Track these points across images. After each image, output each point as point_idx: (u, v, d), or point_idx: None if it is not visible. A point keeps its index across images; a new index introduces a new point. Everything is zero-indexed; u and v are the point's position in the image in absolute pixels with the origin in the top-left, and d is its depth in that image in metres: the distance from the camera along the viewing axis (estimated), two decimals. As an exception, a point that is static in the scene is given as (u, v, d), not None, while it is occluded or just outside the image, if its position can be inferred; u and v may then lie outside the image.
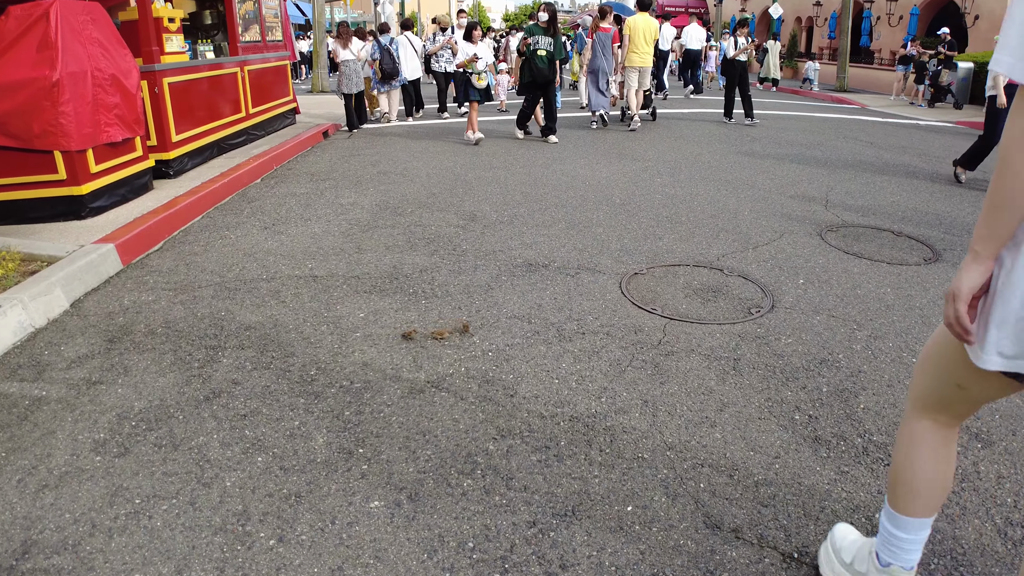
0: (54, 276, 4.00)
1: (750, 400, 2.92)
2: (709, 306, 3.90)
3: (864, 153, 9.22)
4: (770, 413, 2.83)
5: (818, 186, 7.08)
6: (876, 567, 1.75)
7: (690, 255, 4.81)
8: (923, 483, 1.64)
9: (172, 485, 2.44)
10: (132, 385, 3.08)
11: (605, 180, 7.33)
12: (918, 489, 1.65)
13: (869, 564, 1.79)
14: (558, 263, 4.61)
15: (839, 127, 12.02)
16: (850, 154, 9.10)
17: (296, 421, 2.78)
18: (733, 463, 2.50)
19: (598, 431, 2.68)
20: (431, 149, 9.16)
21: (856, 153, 9.20)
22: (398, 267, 4.51)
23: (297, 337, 3.51)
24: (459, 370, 3.16)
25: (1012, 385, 1.44)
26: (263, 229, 5.39)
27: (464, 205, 6.18)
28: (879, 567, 1.74)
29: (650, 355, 3.29)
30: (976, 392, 1.53)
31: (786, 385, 3.05)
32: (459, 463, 2.50)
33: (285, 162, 8.21)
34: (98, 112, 5.35)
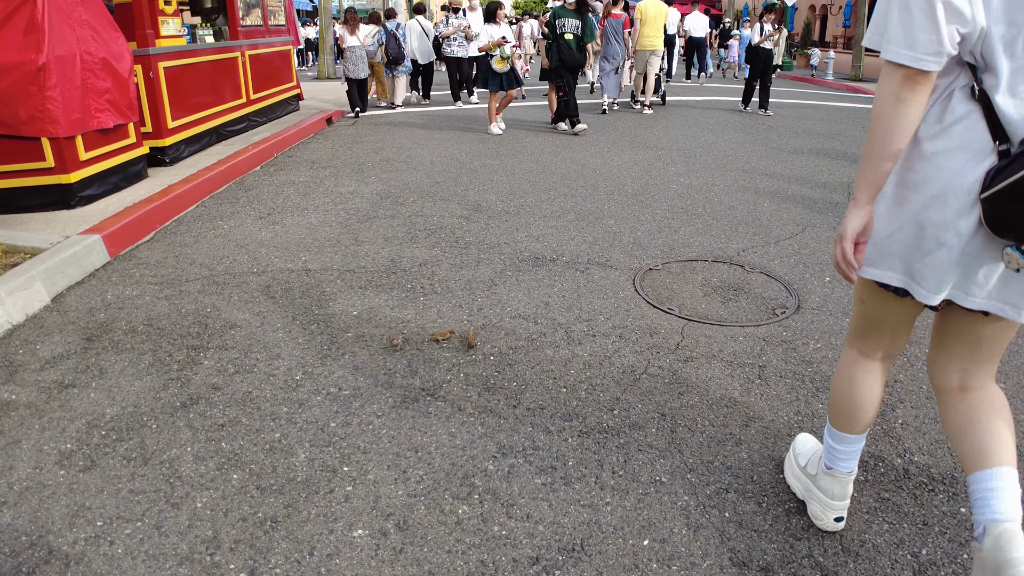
0: (34, 269, 3.76)
1: (778, 413, 2.64)
2: (730, 306, 3.62)
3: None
4: (800, 428, 2.56)
5: (839, 177, 6.77)
6: (823, 470, 2.02)
7: (708, 249, 4.52)
8: (851, 404, 1.89)
9: (139, 505, 2.20)
10: (106, 389, 2.83)
11: (617, 169, 7.03)
12: (847, 408, 1.90)
13: (818, 468, 2.05)
14: (567, 257, 4.34)
15: (857, 117, 11.63)
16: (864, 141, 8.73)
17: (277, 433, 2.53)
18: (762, 487, 2.23)
19: (610, 449, 2.41)
20: (436, 136, 8.88)
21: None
22: (396, 260, 4.25)
23: (284, 337, 3.25)
24: (457, 376, 2.90)
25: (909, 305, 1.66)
26: (258, 219, 5.14)
27: (468, 194, 5.90)
28: (825, 470, 2.01)
29: (667, 361, 3.02)
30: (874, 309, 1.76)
31: (816, 396, 2.77)
32: (454, 485, 2.24)
33: (286, 149, 7.95)
34: (88, 97, 5.11)
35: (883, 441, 2.49)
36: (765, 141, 8.83)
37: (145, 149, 5.98)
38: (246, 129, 8.36)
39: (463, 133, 9.15)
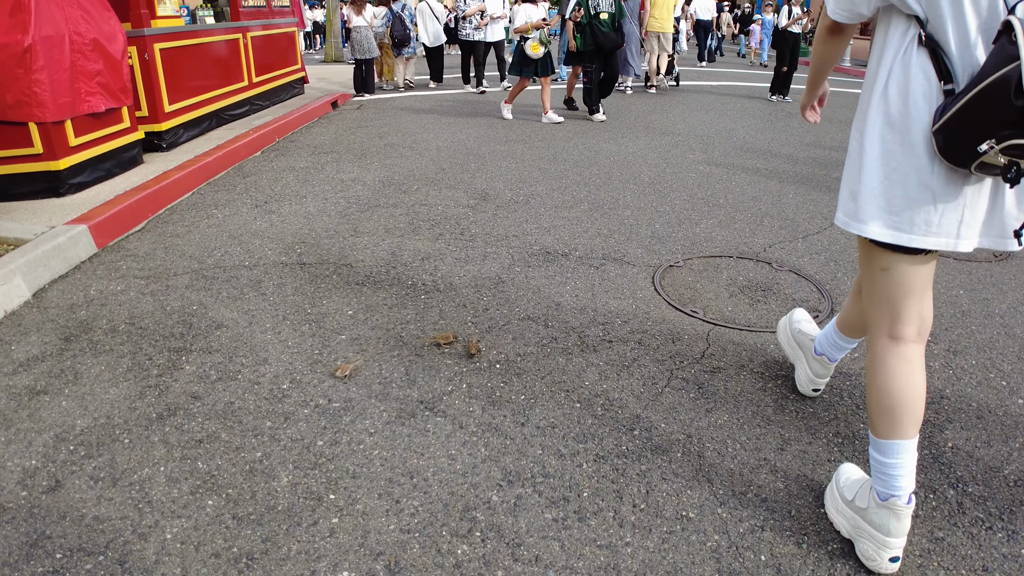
0: (14, 263, 3.52)
1: (816, 435, 2.37)
2: (759, 308, 3.33)
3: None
4: (841, 453, 2.28)
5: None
6: (876, 502, 1.80)
7: (732, 244, 4.22)
8: (900, 400, 1.75)
9: (102, 536, 1.96)
10: (79, 397, 2.59)
11: (632, 155, 6.73)
12: (895, 411, 1.75)
13: (870, 500, 1.83)
14: (580, 251, 4.05)
15: None
16: None
17: (259, 452, 2.28)
18: (801, 524, 1.96)
19: (631, 478, 2.14)
20: (443, 121, 8.58)
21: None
22: (397, 254, 3.98)
23: (273, 339, 3.00)
24: (460, 387, 2.64)
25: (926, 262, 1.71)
26: (254, 207, 4.88)
27: (475, 182, 5.62)
28: (879, 502, 1.78)
29: (692, 372, 2.74)
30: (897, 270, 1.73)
31: (857, 414, 2.49)
32: (454, 519, 1.98)
33: (288, 134, 7.68)
34: (77, 80, 4.85)
35: (932, 469, 2.22)
36: (785, 128, 8.49)
37: (140, 134, 5.72)
38: (248, 113, 8.09)
39: (471, 118, 8.84)
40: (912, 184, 1.60)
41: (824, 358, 2.43)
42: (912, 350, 1.78)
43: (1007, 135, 1.40)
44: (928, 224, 1.61)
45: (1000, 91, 1.39)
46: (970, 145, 1.46)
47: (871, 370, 1.83)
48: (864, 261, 1.84)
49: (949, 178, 1.58)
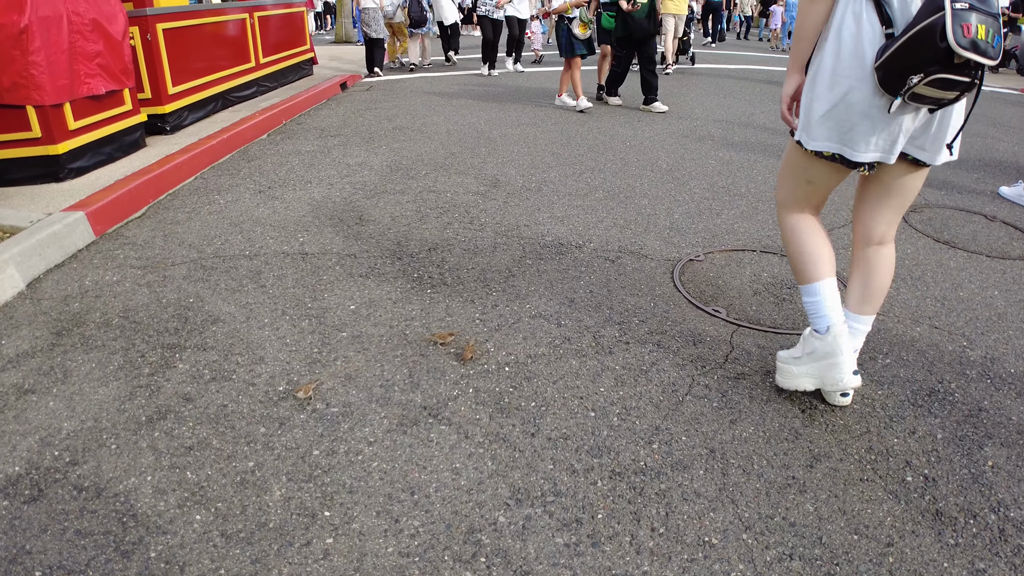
0: (7, 253, 3.38)
1: (847, 450, 2.20)
2: (784, 308, 3.15)
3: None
4: (874, 471, 2.11)
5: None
6: (818, 337, 2.27)
7: (755, 237, 4.03)
8: (814, 254, 2.23)
9: (83, 552, 1.82)
10: (67, 397, 2.46)
11: (649, 140, 6.52)
12: (813, 258, 2.23)
13: (812, 341, 2.30)
14: (595, 243, 3.87)
15: None
16: None
17: (251, 461, 2.14)
18: (833, 553, 1.80)
19: (649, 498, 1.98)
20: (454, 103, 8.37)
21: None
22: (403, 244, 3.81)
23: (271, 336, 2.85)
24: (466, 391, 2.48)
25: (839, 170, 2.12)
26: (257, 193, 4.72)
27: (486, 168, 5.43)
28: (820, 335, 2.26)
29: (715, 378, 2.57)
30: (819, 178, 2.18)
31: (890, 428, 2.32)
32: (457, 542, 1.83)
33: (296, 116, 7.50)
34: (76, 62, 4.70)
35: (971, 490, 2.05)
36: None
37: (142, 117, 5.56)
38: (255, 95, 7.92)
39: (482, 100, 8.63)
40: (856, 112, 1.96)
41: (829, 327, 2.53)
42: (815, 217, 2.33)
43: (933, 70, 1.76)
44: (867, 143, 1.99)
45: (928, 36, 1.73)
46: (903, 78, 1.81)
47: (790, 238, 2.32)
48: (794, 166, 2.25)
49: (885, 107, 1.92)
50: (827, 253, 2.26)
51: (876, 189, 2.22)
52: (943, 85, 1.77)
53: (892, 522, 1.92)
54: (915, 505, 1.99)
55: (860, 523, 1.92)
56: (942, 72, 1.74)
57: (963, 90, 1.81)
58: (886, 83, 1.85)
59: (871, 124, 1.96)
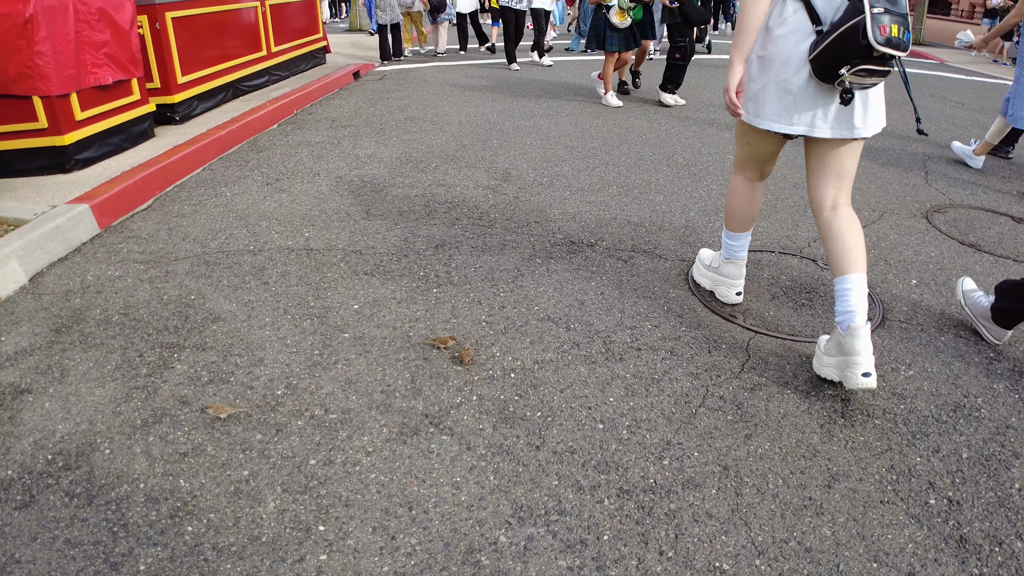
0: (10, 246, 3.32)
1: (867, 469, 2.09)
2: (803, 314, 3.03)
3: (957, 116, 7.94)
4: (895, 493, 2.01)
5: (912, 153, 6.01)
6: (724, 262, 3.02)
7: (773, 238, 3.91)
8: (741, 214, 2.87)
9: (72, 563, 1.76)
10: (63, 398, 2.39)
11: (665, 134, 6.38)
12: (739, 217, 2.88)
13: (720, 261, 3.06)
14: (607, 242, 3.76)
15: (922, 85, 10.51)
16: (941, 116, 7.84)
17: (246, 470, 2.06)
18: (854, 581, 1.70)
19: (658, 518, 1.88)
20: (467, 93, 8.25)
21: (948, 115, 7.93)
22: (409, 241, 3.72)
23: (271, 336, 2.77)
24: (469, 399, 2.39)
25: (772, 138, 2.60)
26: (264, 185, 4.64)
27: (497, 161, 5.32)
28: (725, 260, 3.01)
29: (730, 388, 2.46)
30: (758, 148, 2.68)
31: (913, 445, 2.21)
32: (455, 563, 1.74)
33: (307, 106, 7.42)
34: (83, 51, 4.63)
35: (997, 515, 1.94)
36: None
37: (151, 107, 5.49)
38: (267, 84, 7.84)
39: (495, 90, 8.51)
40: (787, 94, 2.37)
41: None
42: (759, 185, 2.85)
43: (857, 62, 2.16)
44: (796, 120, 2.40)
45: (852, 35, 2.11)
46: (834, 69, 2.21)
47: (733, 194, 2.89)
48: (740, 132, 2.74)
49: (811, 91, 2.34)
50: (751, 216, 2.89)
51: (815, 162, 2.55)
52: (866, 74, 2.20)
53: (914, 549, 1.82)
54: (938, 531, 1.88)
55: (880, 549, 1.82)
56: (864, 64, 2.16)
57: (881, 76, 2.25)
58: (820, 73, 2.26)
59: (801, 104, 2.36)
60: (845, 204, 2.53)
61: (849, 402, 2.41)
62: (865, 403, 2.40)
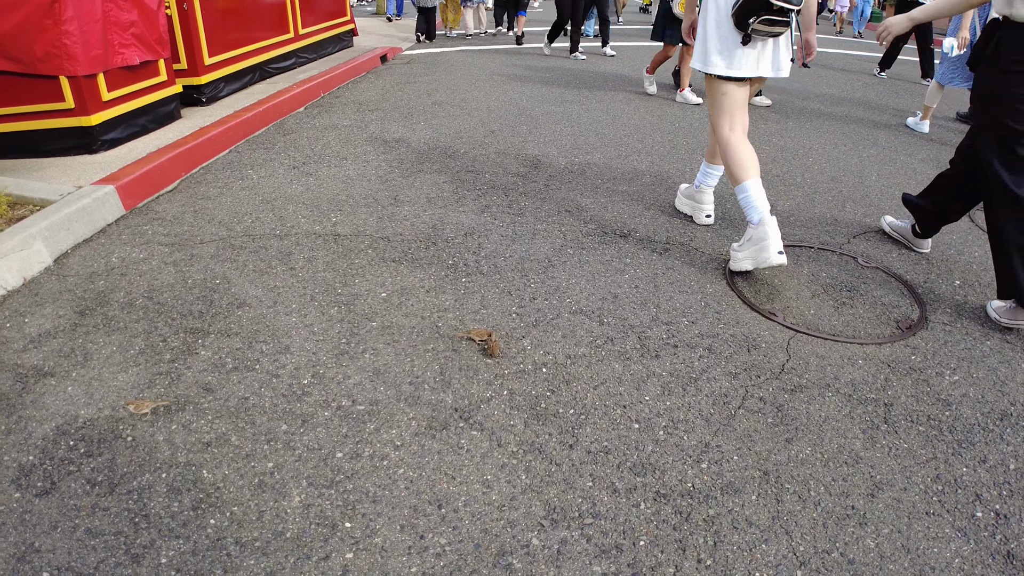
0: (35, 227, 3.29)
1: (912, 478, 2.00)
2: (844, 313, 2.93)
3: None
4: (941, 504, 1.92)
5: (951, 149, 5.82)
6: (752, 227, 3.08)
7: (812, 232, 3.79)
8: (746, 160, 3.10)
9: (93, 553, 1.72)
10: (86, 382, 2.36)
11: (699, 122, 6.25)
12: (742, 163, 3.10)
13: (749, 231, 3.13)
14: (641, 232, 3.67)
15: None
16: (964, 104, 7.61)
17: (271, 462, 2.01)
18: (902, 598, 1.61)
19: (696, 524, 1.81)
20: (495, 78, 8.14)
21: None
22: (438, 228, 3.65)
23: (297, 323, 2.72)
24: (500, 393, 2.32)
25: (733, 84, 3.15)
26: (291, 169, 4.59)
27: (527, 147, 5.23)
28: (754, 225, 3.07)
29: (770, 389, 2.37)
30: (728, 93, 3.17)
31: (959, 455, 2.11)
32: (486, 565, 1.68)
33: (334, 89, 7.35)
34: (110, 31, 4.59)
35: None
36: (862, 100, 7.87)
37: (178, 88, 5.45)
38: (293, 67, 7.78)
39: (525, 76, 8.39)
40: (728, 43, 3.02)
41: (703, 186, 3.76)
42: (743, 135, 3.17)
43: (762, 15, 2.84)
44: (740, 64, 3.04)
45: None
46: (746, 20, 2.89)
47: (724, 149, 3.17)
48: (711, 92, 3.22)
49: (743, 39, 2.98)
50: (751, 160, 3.11)
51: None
52: (769, 24, 2.88)
53: (960, 564, 1.74)
54: (985, 545, 1.80)
55: (926, 564, 1.73)
56: (767, 15, 2.85)
57: (783, 26, 2.92)
58: (738, 24, 2.93)
59: (740, 51, 3.02)
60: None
61: (892, 407, 2.31)
62: (909, 408, 2.31)
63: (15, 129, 4.45)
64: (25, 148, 4.47)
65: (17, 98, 4.37)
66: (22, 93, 4.36)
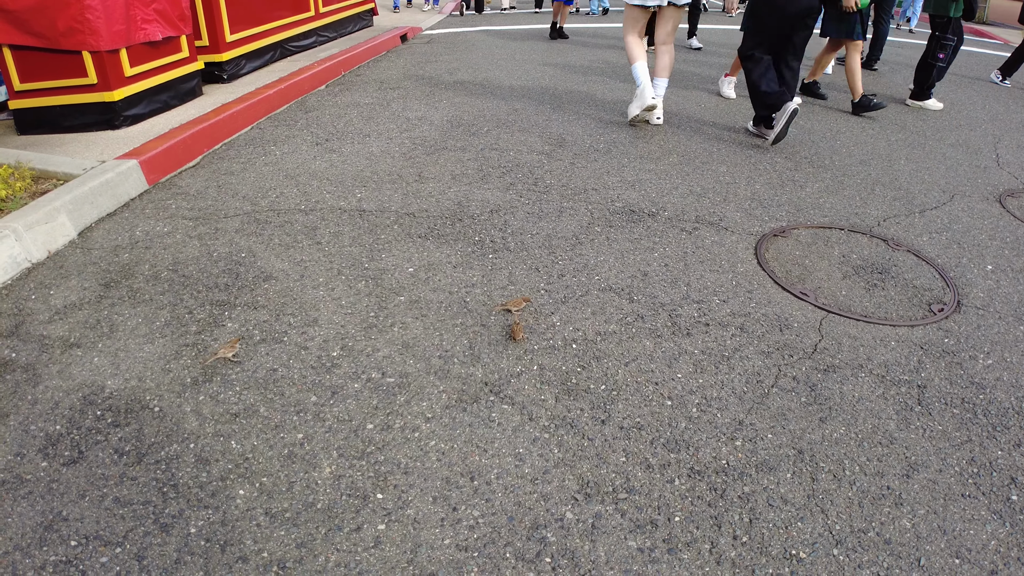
0: (59, 200, 3.29)
1: (947, 460, 1.97)
2: (876, 295, 2.89)
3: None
4: (976, 487, 1.88)
5: (982, 135, 5.71)
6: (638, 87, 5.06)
7: (842, 214, 3.73)
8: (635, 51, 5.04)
9: (121, 523, 1.72)
10: (112, 353, 2.35)
11: (726, 104, 6.18)
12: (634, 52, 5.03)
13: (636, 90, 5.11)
14: (669, 211, 3.63)
15: (988, 65, 9.96)
16: (1010, 98, 7.48)
17: (300, 433, 2.00)
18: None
19: (731, 500, 1.78)
20: (518, 57, 8.07)
21: (1018, 97, 7.57)
22: (464, 204, 3.62)
23: (325, 296, 2.71)
24: (530, 368, 2.30)
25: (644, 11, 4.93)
26: (314, 145, 4.57)
27: (551, 126, 5.19)
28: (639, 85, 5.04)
29: (803, 369, 2.34)
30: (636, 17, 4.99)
31: (993, 438, 2.07)
32: (520, 538, 1.66)
33: (355, 67, 7.32)
34: (132, 7, 4.57)
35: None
36: (890, 84, 7.73)
37: (199, 64, 5.43)
38: (314, 45, 7.75)
39: (546, 54, 8.32)
40: None
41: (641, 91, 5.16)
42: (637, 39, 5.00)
43: None
44: None
45: None
46: None
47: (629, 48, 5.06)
48: (627, 13, 4.89)
49: None
50: (641, 52, 5.02)
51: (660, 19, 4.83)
52: None
53: (996, 546, 1.71)
54: (1021, 528, 1.76)
55: (962, 545, 1.70)
56: None
57: None
58: None
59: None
60: (671, 43, 4.99)
61: (926, 389, 2.27)
62: (943, 390, 2.27)
63: (38, 105, 4.45)
64: (48, 123, 4.48)
65: (40, 73, 4.37)
66: (45, 68, 4.36)
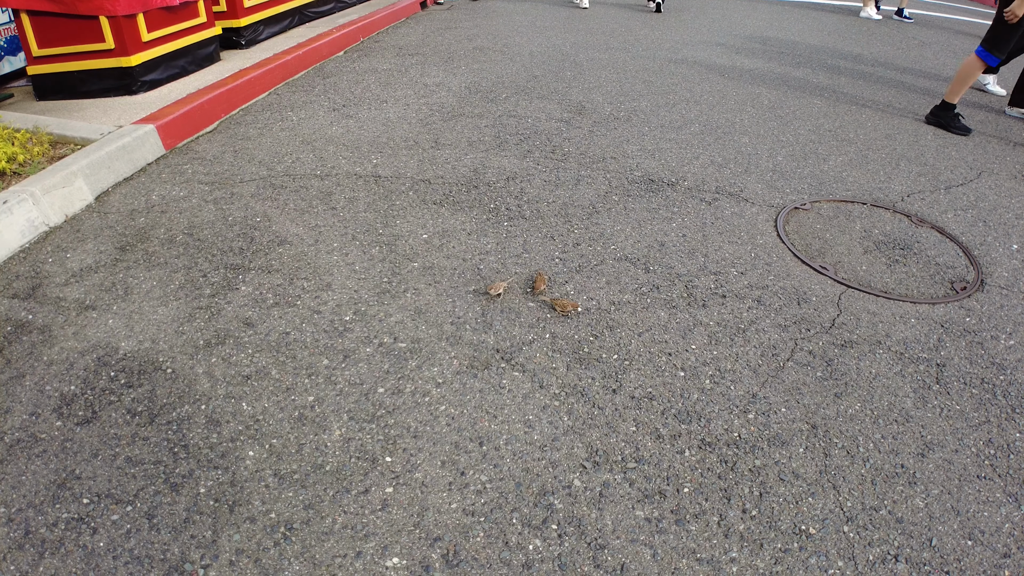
0: (76, 164, 3.30)
1: (963, 440, 1.94)
2: (896, 271, 2.83)
3: None
4: (993, 468, 1.85)
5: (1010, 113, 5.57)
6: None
7: (865, 189, 3.66)
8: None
9: (133, 481, 1.73)
10: (126, 315, 2.36)
11: (749, 73, 6.06)
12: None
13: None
14: (689, 182, 3.58)
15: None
16: None
17: (311, 396, 2.01)
18: (943, 559, 1.57)
19: (742, 473, 1.77)
20: (538, 24, 7.96)
21: None
22: (480, 171, 3.59)
23: (339, 262, 2.70)
24: (542, 336, 2.28)
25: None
26: (331, 111, 4.54)
27: (571, 93, 5.11)
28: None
29: (820, 343, 2.31)
30: None
31: (1012, 420, 2.04)
32: (527, 504, 1.66)
33: (373, 34, 7.25)
34: (150, -30, 4.53)
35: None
36: (918, 58, 7.55)
37: (217, 30, 5.39)
38: (333, 11, 7.67)
39: (568, 20, 8.19)
40: None
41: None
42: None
43: None
44: None
45: None
46: None
47: None
48: None
49: None
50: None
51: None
52: None
53: (1010, 529, 1.68)
54: (1039, 511, 1.73)
55: (975, 527, 1.68)
56: None
57: None
58: None
59: None
60: None
61: (945, 368, 2.24)
62: (961, 369, 2.23)
63: (56, 70, 4.44)
64: (65, 89, 4.47)
65: (58, 39, 4.36)
66: (63, 34, 4.34)
